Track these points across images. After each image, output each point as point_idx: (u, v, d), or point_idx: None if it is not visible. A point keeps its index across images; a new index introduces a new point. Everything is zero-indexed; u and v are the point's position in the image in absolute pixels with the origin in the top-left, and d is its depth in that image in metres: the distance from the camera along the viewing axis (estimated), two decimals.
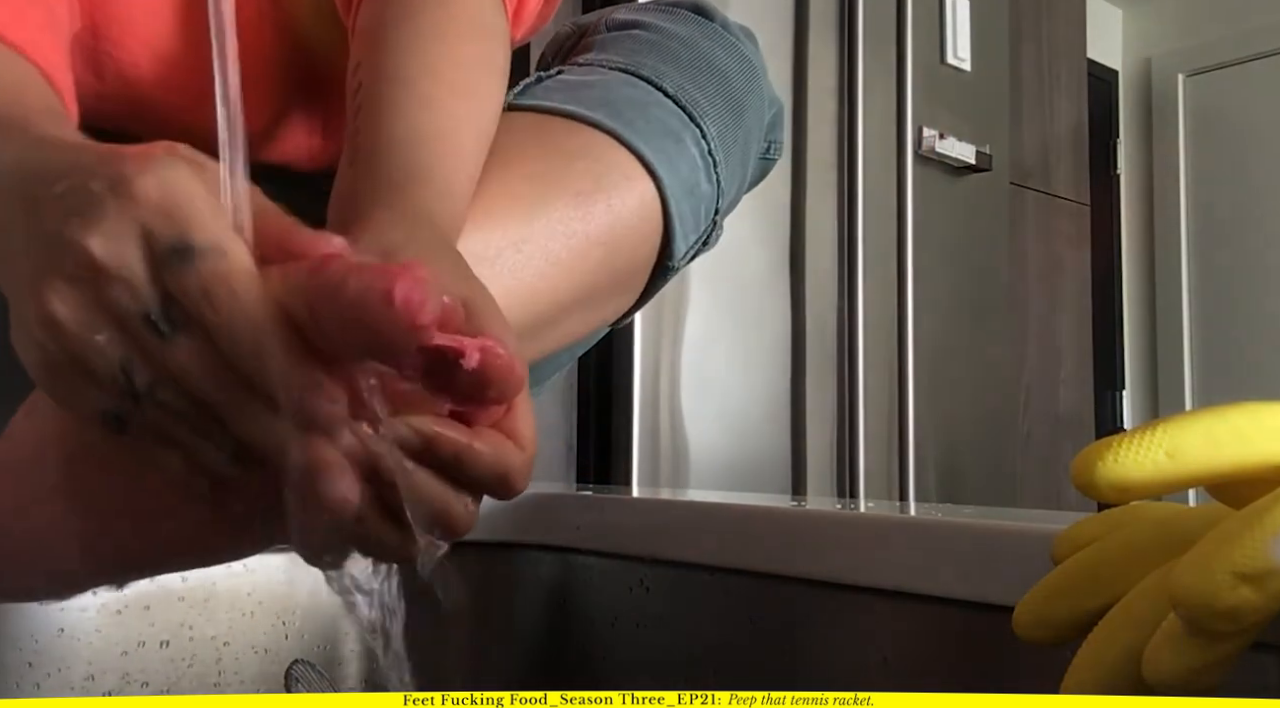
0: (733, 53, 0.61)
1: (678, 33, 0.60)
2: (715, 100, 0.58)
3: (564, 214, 0.50)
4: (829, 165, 1.70)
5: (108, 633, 0.53)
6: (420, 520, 0.31)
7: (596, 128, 0.53)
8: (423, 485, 0.31)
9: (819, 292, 1.67)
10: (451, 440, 0.31)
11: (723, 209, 0.60)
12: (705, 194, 0.57)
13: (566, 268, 0.50)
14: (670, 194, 0.53)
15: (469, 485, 0.32)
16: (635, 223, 0.53)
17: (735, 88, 0.60)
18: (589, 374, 1.49)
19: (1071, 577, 0.33)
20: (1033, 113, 2.28)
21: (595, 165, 0.52)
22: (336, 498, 0.29)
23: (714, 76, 0.59)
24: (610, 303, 0.56)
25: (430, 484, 0.31)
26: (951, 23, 1.86)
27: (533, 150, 0.51)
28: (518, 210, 0.49)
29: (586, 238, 0.51)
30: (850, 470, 1.67)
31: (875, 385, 1.71)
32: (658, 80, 0.57)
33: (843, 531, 0.48)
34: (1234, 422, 0.30)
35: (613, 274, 0.53)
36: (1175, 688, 0.28)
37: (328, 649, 0.60)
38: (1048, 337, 2.29)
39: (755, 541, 0.51)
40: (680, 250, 0.56)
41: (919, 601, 0.45)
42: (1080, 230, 2.40)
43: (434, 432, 0.31)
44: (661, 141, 0.54)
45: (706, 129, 0.57)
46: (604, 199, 0.51)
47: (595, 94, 0.55)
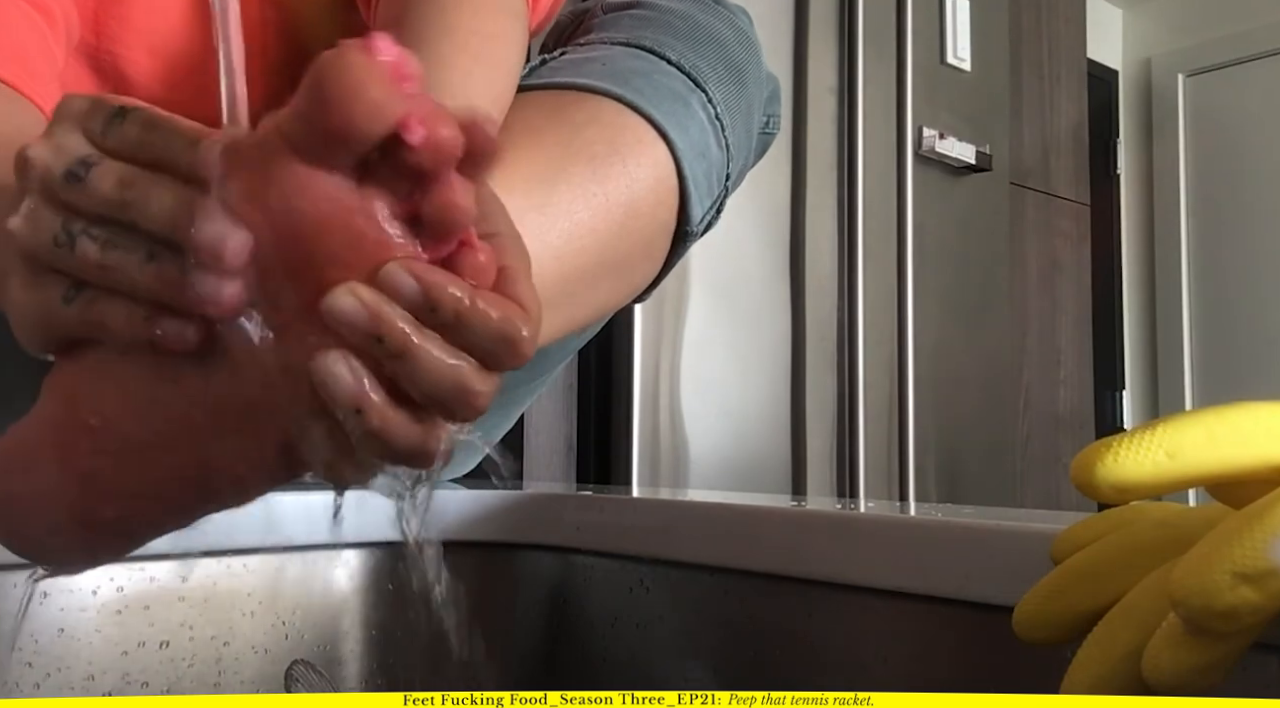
0: (730, 24, 0.62)
1: (675, 8, 0.62)
2: (717, 67, 0.59)
3: (582, 178, 0.50)
4: (829, 165, 1.70)
5: (108, 633, 0.53)
6: (436, 398, 0.29)
7: (605, 96, 0.54)
8: (431, 354, 0.29)
9: (819, 292, 1.67)
10: (452, 295, 0.29)
11: (734, 176, 0.61)
12: (716, 158, 0.58)
13: (589, 229, 0.50)
14: (683, 156, 0.54)
15: (475, 351, 0.30)
16: (652, 184, 0.53)
17: (735, 56, 0.61)
18: (589, 374, 1.49)
19: (1071, 577, 0.33)
20: (1033, 113, 2.28)
21: (607, 131, 0.53)
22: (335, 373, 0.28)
23: (714, 46, 0.60)
24: (635, 270, 0.57)
25: (439, 351, 0.29)
26: (951, 23, 1.86)
27: (545, 122, 0.52)
28: (536, 176, 0.49)
29: (606, 199, 0.51)
30: (850, 470, 1.67)
31: (875, 385, 1.71)
32: (660, 50, 0.58)
33: (843, 530, 0.48)
34: (1234, 422, 0.30)
35: (634, 238, 0.54)
36: (1175, 688, 0.28)
37: (328, 649, 0.60)
38: (1048, 337, 2.29)
39: (755, 541, 0.51)
40: (697, 215, 0.56)
41: (919, 601, 0.45)
42: (1080, 230, 2.40)
43: (432, 279, 0.29)
44: (670, 105, 0.55)
45: (712, 94, 0.57)
46: (619, 162, 0.52)
47: (600, 67, 0.56)
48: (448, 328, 0.29)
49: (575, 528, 0.60)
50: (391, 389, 0.29)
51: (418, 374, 0.29)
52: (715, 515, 0.54)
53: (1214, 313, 3.11)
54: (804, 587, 0.49)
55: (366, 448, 0.29)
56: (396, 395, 0.29)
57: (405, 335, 0.28)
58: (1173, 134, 3.20)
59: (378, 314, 0.28)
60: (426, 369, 0.29)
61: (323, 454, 0.30)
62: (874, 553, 0.46)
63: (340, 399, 0.28)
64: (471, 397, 0.30)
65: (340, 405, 0.29)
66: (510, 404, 0.75)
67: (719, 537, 0.53)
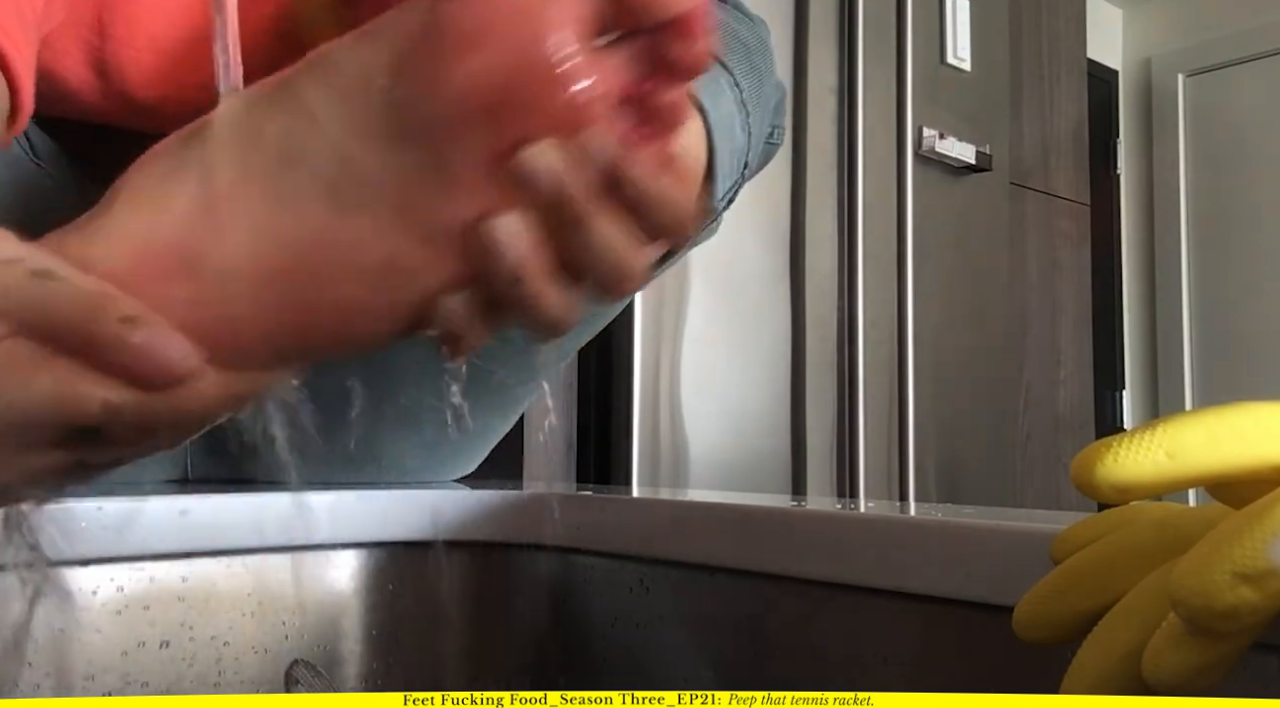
0: (752, 31, 0.64)
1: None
2: (741, 64, 0.60)
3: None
4: (829, 165, 1.70)
5: (108, 633, 0.53)
6: (598, 272, 0.29)
7: None
8: (607, 227, 0.28)
9: (819, 292, 1.67)
10: (640, 172, 0.28)
11: (751, 166, 0.61)
12: (740, 141, 0.58)
13: None
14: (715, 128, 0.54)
15: (648, 225, 0.29)
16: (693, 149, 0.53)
17: (756, 60, 0.62)
18: (589, 374, 1.49)
19: (1071, 577, 0.33)
20: (1033, 113, 2.28)
21: None
22: (508, 235, 0.27)
23: (739, 44, 0.61)
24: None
25: (613, 226, 0.29)
26: (951, 23, 1.86)
27: None
28: None
29: None
30: (850, 470, 1.67)
31: (875, 385, 1.71)
32: None
33: (843, 531, 0.48)
34: (1234, 422, 0.30)
35: None
36: (1175, 688, 0.28)
37: (328, 649, 0.59)
38: (1048, 337, 2.28)
39: (755, 541, 0.51)
40: (720, 190, 0.56)
41: (919, 601, 0.45)
42: (1080, 230, 2.40)
43: (626, 154, 0.28)
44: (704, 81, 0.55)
45: (739, 81, 0.58)
46: None
47: None
48: (626, 204, 0.29)
49: (575, 528, 0.60)
50: (550, 262, 0.29)
51: (589, 247, 0.28)
52: (715, 515, 0.54)
53: (1214, 313, 3.11)
54: (804, 587, 0.49)
55: (508, 317, 0.29)
56: (553, 268, 0.29)
57: (588, 204, 0.28)
58: (1173, 134, 3.20)
59: (570, 177, 0.28)
60: (598, 242, 0.28)
61: (453, 320, 0.29)
62: (874, 553, 0.46)
63: (505, 264, 0.28)
64: (629, 277, 0.29)
65: (502, 270, 0.28)
66: (510, 404, 0.75)
67: (719, 537, 0.53)
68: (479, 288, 0.29)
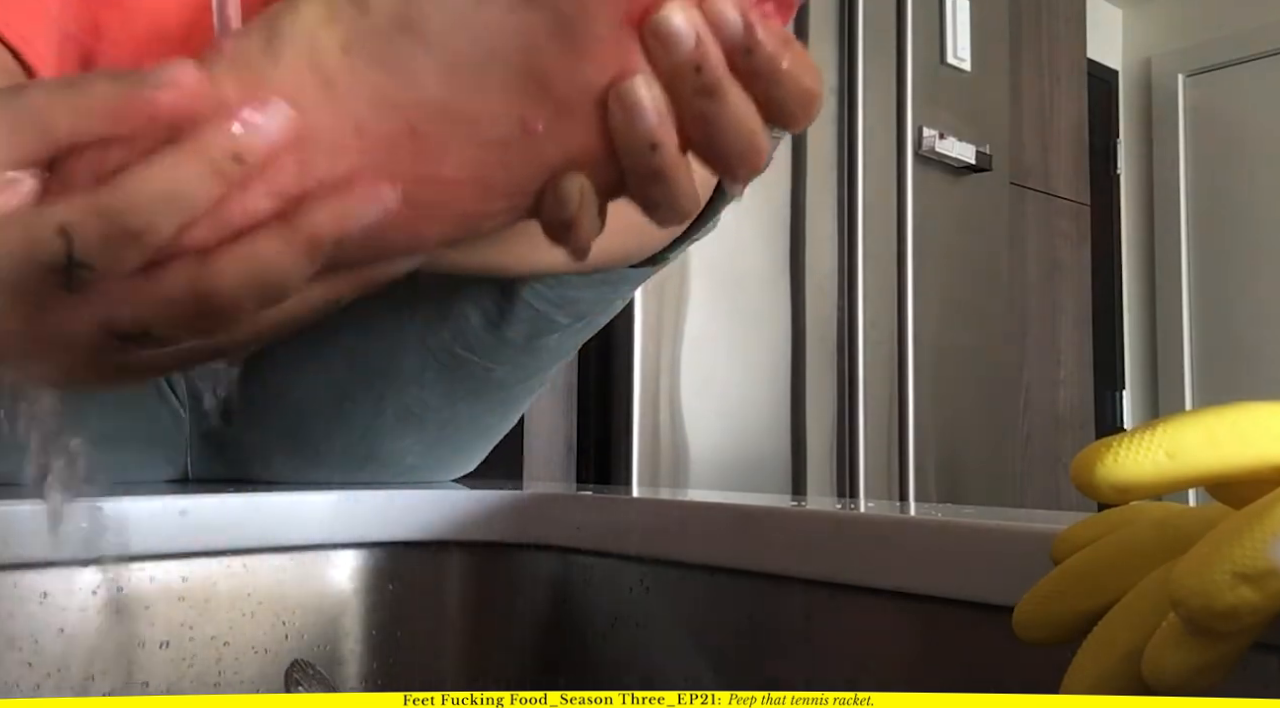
0: None
1: None
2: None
3: None
4: (829, 165, 1.70)
5: (108, 633, 0.53)
6: (730, 147, 0.27)
7: None
8: (740, 97, 0.27)
9: (819, 292, 1.67)
10: (772, 42, 0.27)
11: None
12: None
13: None
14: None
15: (773, 106, 0.28)
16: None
17: None
18: (589, 374, 1.49)
19: (1071, 577, 0.33)
20: (1033, 113, 2.28)
21: None
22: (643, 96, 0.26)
23: None
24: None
25: (744, 98, 0.27)
26: (951, 23, 1.86)
27: None
28: None
29: None
30: (850, 470, 1.67)
31: (875, 385, 1.71)
32: None
33: (843, 530, 0.48)
34: (1234, 422, 0.30)
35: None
36: (1175, 688, 0.28)
37: (328, 649, 0.59)
38: (1048, 337, 2.28)
39: (755, 541, 0.51)
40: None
41: (919, 601, 0.45)
42: (1080, 230, 2.40)
43: (760, 23, 0.27)
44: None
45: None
46: None
47: None
48: (757, 76, 0.28)
49: (575, 528, 0.60)
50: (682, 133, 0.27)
51: (721, 117, 0.27)
52: (715, 515, 0.54)
53: (1214, 313, 3.11)
54: (804, 587, 0.49)
55: (645, 189, 0.27)
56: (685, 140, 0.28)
57: (723, 69, 0.27)
58: (1173, 134, 3.20)
59: (706, 38, 0.26)
60: (731, 112, 0.27)
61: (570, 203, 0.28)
62: (874, 553, 0.46)
63: (643, 127, 0.27)
64: (759, 153, 0.28)
65: (639, 135, 0.27)
66: (509, 404, 0.75)
67: (719, 537, 0.53)
68: (604, 166, 0.28)
